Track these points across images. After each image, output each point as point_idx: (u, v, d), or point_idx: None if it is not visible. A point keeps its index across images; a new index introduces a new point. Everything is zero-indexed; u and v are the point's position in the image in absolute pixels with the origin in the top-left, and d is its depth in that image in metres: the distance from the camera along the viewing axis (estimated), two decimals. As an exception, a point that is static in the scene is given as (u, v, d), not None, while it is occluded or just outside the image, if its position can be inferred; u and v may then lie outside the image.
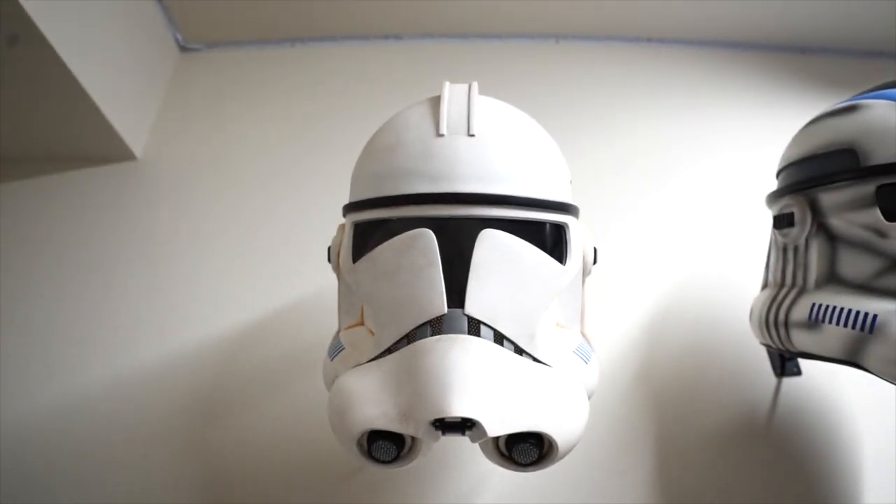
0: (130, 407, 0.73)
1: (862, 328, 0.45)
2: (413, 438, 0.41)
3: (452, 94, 0.46)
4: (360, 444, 0.40)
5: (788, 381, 0.70)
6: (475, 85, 0.48)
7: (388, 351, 0.42)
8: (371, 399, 0.39)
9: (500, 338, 0.40)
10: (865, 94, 0.53)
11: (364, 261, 0.44)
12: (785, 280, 0.56)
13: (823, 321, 0.49)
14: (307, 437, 0.69)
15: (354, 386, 0.41)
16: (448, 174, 0.42)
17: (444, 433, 0.38)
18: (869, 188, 0.47)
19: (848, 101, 0.53)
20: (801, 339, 0.52)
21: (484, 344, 0.39)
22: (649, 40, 1.01)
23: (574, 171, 0.90)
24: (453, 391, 0.36)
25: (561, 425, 0.39)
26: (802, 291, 0.53)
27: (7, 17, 0.68)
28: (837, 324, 0.47)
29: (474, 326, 0.40)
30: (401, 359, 0.40)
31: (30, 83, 0.79)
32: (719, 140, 0.91)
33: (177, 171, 0.95)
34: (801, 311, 0.52)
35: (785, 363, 0.70)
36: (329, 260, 0.51)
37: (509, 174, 0.43)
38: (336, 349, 0.48)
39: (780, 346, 0.56)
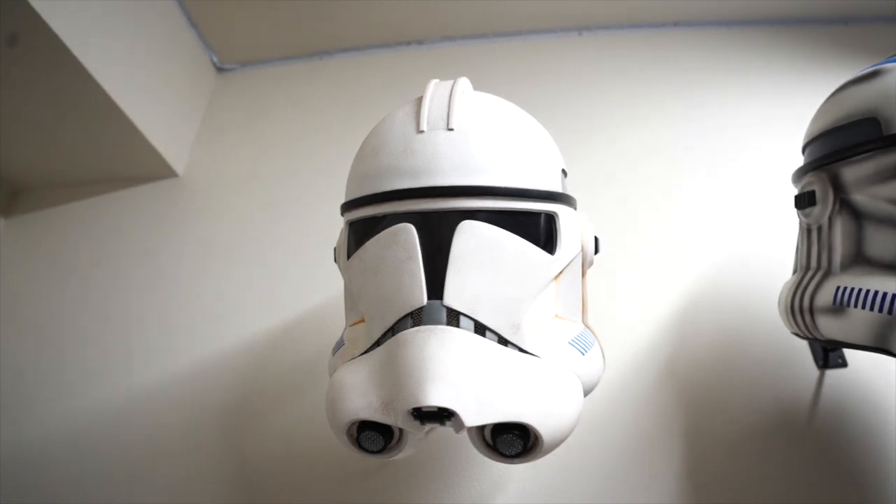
0: (169, 407, 0.77)
1: (890, 311, 0.41)
2: (401, 430, 0.41)
3: (436, 91, 0.47)
4: (350, 434, 0.41)
5: (832, 374, 0.64)
6: (461, 80, 0.48)
7: (377, 343, 0.42)
8: (358, 391, 0.40)
9: (481, 328, 0.40)
10: (889, 59, 0.49)
11: (354, 257, 0.46)
12: (810, 263, 0.53)
13: (849, 305, 0.45)
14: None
15: (345, 379, 0.42)
16: (427, 169, 0.42)
17: (422, 423, 0.38)
18: (892, 158, 0.44)
19: (870, 67, 0.49)
20: (827, 326, 0.48)
21: (463, 335, 0.39)
22: (675, 24, 0.97)
23: (604, 160, 0.88)
24: (429, 381, 0.37)
25: (545, 417, 0.38)
26: (827, 274, 0.49)
27: (50, 54, 0.74)
28: (863, 307, 0.44)
29: (453, 317, 0.40)
30: (385, 351, 0.41)
31: (77, 115, 0.86)
32: (756, 122, 0.86)
33: (216, 185, 1.01)
34: (825, 296, 0.48)
35: (828, 354, 0.65)
36: (335, 260, 0.53)
37: (489, 165, 0.42)
38: (339, 345, 0.49)
39: (808, 335, 0.52)
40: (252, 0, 1.01)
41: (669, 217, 0.80)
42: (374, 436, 0.40)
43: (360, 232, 0.47)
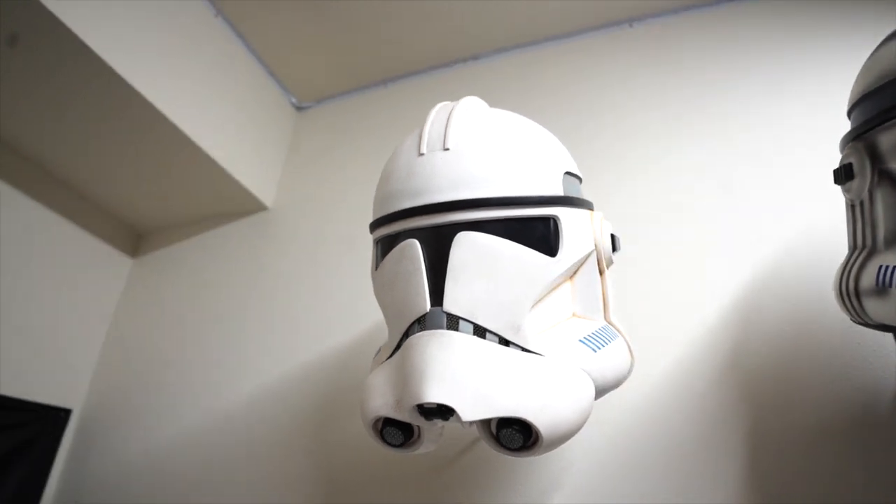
0: (269, 414, 0.88)
1: (932, 289, 0.38)
2: (419, 427, 0.46)
3: (437, 115, 0.50)
4: (376, 429, 0.46)
5: (922, 363, 0.58)
6: (463, 101, 0.51)
7: (397, 348, 0.47)
8: (379, 391, 0.45)
9: (481, 331, 0.43)
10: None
11: (377, 272, 0.51)
12: (856, 242, 0.48)
13: (890, 285, 0.42)
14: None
15: (372, 381, 0.47)
16: (427, 188, 0.46)
17: (427, 418, 0.42)
18: (926, 120, 0.40)
19: None
20: (873, 309, 0.44)
21: (462, 337, 0.42)
22: (732, -1, 0.92)
23: (661, 151, 0.84)
24: (428, 380, 0.40)
25: (541, 411, 0.40)
26: (872, 253, 0.45)
27: (151, 123, 0.89)
28: (905, 287, 0.40)
29: (454, 322, 0.43)
30: (400, 355, 0.45)
31: (179, 169, 1.03)
32: (827, 98, 0.78)
33: (301, 214, 1.12)
34: (869, 277, 0.44)
35: (917, 340, 0.58)
36: None
37: (481, 179, 0.45)
38: (377, 352, 0.55)
39: (860, 320, 0.48)
40: (317, 40, 1.11)
41: (727, 201, 0.75)
42: (394, 431, 0.45)
43: (382, 248, 0.52)
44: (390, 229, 0.49)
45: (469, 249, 0.44)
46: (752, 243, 0.71)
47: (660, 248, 0.76)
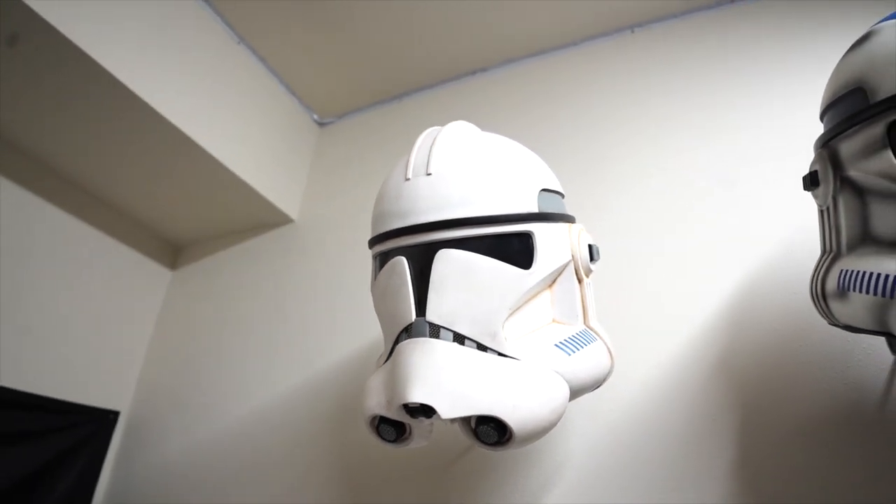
0: (296, 416, 0.95)
1: (883, 293, 0.40)
2: (410, 425, 0.50)
3: (423, 142, 0.55)
4: (373, 426, 0.51)
5: (912, 360, 0.58)
6: (447, 127, 0.55)
7: (390, 353, 0.52)
8: (374, 392, 0.51)
9: (460, 338, 0.47)
10: (884, 18, 0.46)
11: (374, 285, 0.56)
12: (825, 246, 0.50)
13: (849, 289, 0.44)
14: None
15: (369, 383, 0.53)
16: (412, 210, 0.51)
17: (412, 416, 0.46)
18: (878, 129, 0.42)
19: (872, 26, 0.47)
20: (839, 312, 0.46)
21: (442, 344, 0.46)
22: (733, 1, 0.92)
23: (657, 153, 0.86)
24: (410, 383, 0.45)
25: (513, 410, 0.44)
26: (836, 257, 0.47)
27: (181, 148, 0.97)
28: (860, 290, 0.42)
29: (435, 330, 0.47)
30: (392, 360, 0.50)
31: (213, 189, 1.11)
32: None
33: (324, 225, 1.18)
34: (832, 280, 0.46)
35: (906, 339, 0.58)
36: None
37: (461, 200, 0.49)
38: (379, 357, 0.60)
39: (832, 321, 0.50)
40: (336, 59, 1.17)
41: (723, 201, 0.77)
42: (388, 428, 0.50)
43: (378, 264, 0.56)
44: (383, 247, 0.54)
45: (448, 265, 0.48)
46: (745, 244, 0.72)
47: (657, 247, 0.78)
